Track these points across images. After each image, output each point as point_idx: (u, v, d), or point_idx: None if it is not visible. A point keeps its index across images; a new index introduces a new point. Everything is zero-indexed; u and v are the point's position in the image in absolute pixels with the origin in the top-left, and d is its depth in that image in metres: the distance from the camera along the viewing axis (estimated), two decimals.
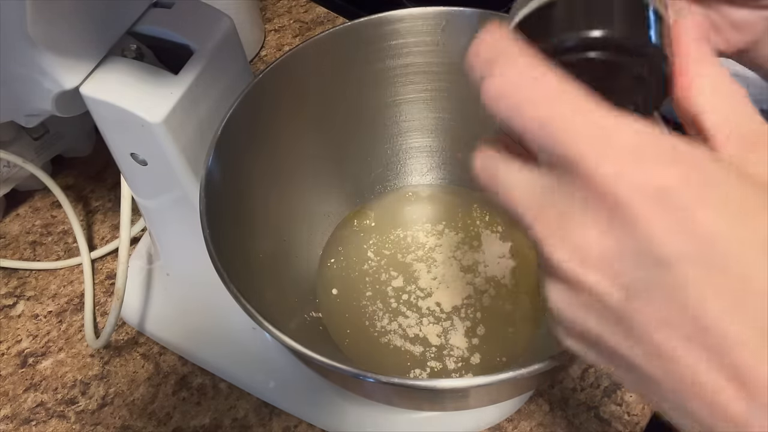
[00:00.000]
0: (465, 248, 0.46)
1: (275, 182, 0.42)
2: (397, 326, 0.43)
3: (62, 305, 0.51)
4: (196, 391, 0.46)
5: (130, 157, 0.37)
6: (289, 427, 0.44)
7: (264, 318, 0.29)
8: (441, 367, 0.41)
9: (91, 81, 0.34)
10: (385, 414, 0.42)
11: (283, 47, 0.66)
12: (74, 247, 0.53)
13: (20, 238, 0.55)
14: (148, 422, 0.45)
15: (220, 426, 0.44)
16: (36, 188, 0.57)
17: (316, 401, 0.43)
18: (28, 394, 0.47)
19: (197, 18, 0.36)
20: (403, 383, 0.27)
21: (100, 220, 0.55)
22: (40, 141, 0.52)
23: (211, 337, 0.46)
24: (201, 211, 0.32)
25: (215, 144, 0.34)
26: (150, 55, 0.35)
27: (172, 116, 0.34)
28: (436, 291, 0.44)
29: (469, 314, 0.43)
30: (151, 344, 0.48)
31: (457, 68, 0.42)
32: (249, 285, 0.33)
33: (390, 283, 0.44)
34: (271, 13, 0.69)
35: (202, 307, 0.46)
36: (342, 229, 0.47)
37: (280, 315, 0.36)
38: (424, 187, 0.49)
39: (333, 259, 0.46)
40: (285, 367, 0.44)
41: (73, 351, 0.48)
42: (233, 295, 0.30)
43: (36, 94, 0.33)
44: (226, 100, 0.36)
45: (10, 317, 0.51)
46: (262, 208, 0.41)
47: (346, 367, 0.27)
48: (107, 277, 0.52)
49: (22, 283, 0.52)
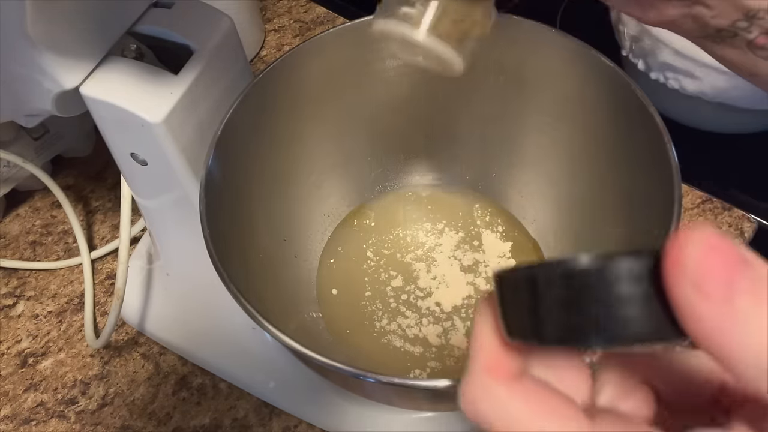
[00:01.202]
0: (465, 248, 0.46)
1: (275, 182, 0.42)
2: (397, 326, 0.43)
3: (62, 305, 0.51)
4: (196, 391, 0.46)
5: (130, 157, 0.37)
6: (289, 427, 0.44)
7: (264, 318, 0.29)
8: (441, 368, 0.41)
9: (91, 81, 0.34)
10: (385, 414, 0.42)
11: (283, 47, 0.66)
12: (74, 247, 0.53)
13: (20, 238, 0.55)
14: (148, 422, 0.45)
15: (220, 426, 0.44)
16: (36, 188, 0.57)
17: (316, 401, 0.43)
18: (28, 394, 0.47)
19: (197, 18, 0.36)
20: (403, 383, 0.27)
21: (100, 220, 0.55)
22: (40, 141, 0.52)
23: (211, 337, 0.46)
24: (201, 211, 0.32)
25: (215, 144, 0.34)
26: (150, 55, 0.35)
27: (172, 116, 0.34)
28: (436, 291, 0.44)
29: (469, 314, 0.43)
30: (151, 344, 0.48)
31: None
32: (249, 285, 0.33)
33: (389, 283, 0.44)
34: (271, 13, 0.69)
35: (202, 307, 0.46)
36: (342, 229, 0.47)
37: (280, 315, 0.36)
38: (424, 187, 0.49)
39: (333, 259, 0.46)
40: (285, 367, 0.44)
41: (73, 351, 0.48)
42: (233, 295, 0.30)
43: (36, 94, 0.33)
44: (226, 100, 0.36)
45: (10, 317, 0.51)
46: (262, 208, 0.41)
47: (346, 367, 0.27)
48: (107, 277, 0.52)
49: (22, 283, 0.52)
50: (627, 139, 0.37)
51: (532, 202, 0.46)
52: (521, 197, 0.47)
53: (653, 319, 0.14)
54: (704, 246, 0.13)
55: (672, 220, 0.31)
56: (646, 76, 0.53)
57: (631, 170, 0.37)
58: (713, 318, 0.13)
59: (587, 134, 0.40)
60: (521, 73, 0.41)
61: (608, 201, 0.40)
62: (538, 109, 0.42)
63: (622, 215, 0.38)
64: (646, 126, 0.34)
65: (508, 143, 0.45)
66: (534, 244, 0.46)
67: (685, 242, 0.14)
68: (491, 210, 0.47)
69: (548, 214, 0.45)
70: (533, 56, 0.39)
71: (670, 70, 0.51)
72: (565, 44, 0.38)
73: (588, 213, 0.42)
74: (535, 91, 0.41)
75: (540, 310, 0.16)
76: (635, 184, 0.37)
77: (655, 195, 0.33)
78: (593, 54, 0.37)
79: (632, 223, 0.37)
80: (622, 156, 0.38)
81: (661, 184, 0.33)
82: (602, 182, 0.40)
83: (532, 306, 0.16)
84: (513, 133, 0.45)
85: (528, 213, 0.46)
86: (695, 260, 0.13)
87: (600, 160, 0.40)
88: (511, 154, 0.46)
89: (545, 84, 0.40)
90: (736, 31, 0.23)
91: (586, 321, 0.15)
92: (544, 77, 0.40)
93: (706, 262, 0.13)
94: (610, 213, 0.40)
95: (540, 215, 0.46)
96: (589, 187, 0.42)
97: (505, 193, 0.47)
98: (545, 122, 0.42)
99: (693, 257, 0.13)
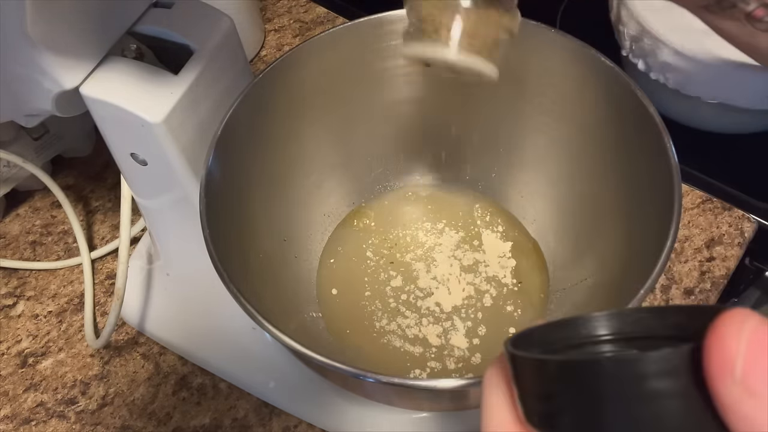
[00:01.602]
0: (465, 248, 0.46)
1: (275, 182, 0.42)
2: (396, 326, 0.43)
3: (62, 305, 0.51)
4: (196, 391, 0.46)
5: (130, 157, 0.37)
6: (289, 427, 0.44)
7: (264, 318, 0.29)
8: (441, 368, 0.41)
9: (91, 81, 0.34)
10: (385, 414, 0.42)
11: (283, 47, 0.66)
12: (74, 247, 0.53)
13: (20, 238, 0.55)
14: (148, 422, 0.45)
15: (220, 426, 0.44)
16: (36, 188, 0.57)
17: (316, 401, 0.43)
18: (28, 394, 0.47)
19: (197, 18, 0.36)
20: (403, 383, 0.27)
21: (100, 220, 0.55)
22: (40, 141, 0.52)
23: (211, 337, 0.46)
24: (201, 211, 0.32)
25: (215, 144, 0.34)
26: (150, 55, 0.35)
27: (172, 116, 0.34)
28: (436, 291, 0.44)
29: (470, 314, 0.43)
30: (151, 344, 0.48)
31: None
32: (249, 285, 0.33)
33: (389, 283, 0.44)
34: (271, 13, 0.69)
35: (202, 307, 0.46)
36: (342, 228, 0.47)
37: (280, 315, 0.36)
38: (424, 187, 0.49)
39: (333, 259, 0.46)
40: (285, 367, 0.44)
41: (73, 351, 0.48)
42: (233, 295, 0.30)
43: (36, 94, 0.33)
44: (226, 100, 0.36)
45: (10, 317, 0.51)
46: (262, 208, 0.41)
47: (346, 367, 0.27)
48: (107, 277, 0.52)
49: (22, 283, 0.52)
50: (627, 139, 0.37)
51: (532, 202, 0.46)
52: (521, 197, 0.47)
53: (694, 416, 0.13)
54: (748, 339, 0.12)
55: (672, 220, 0.31)
56: (646, 76, 0.53)
57: (631, 170, 0.37)
58: (760, 418, 0.12)
59: (587, 134, 0.40)
60: (521, 73, 0.41)
61: (608, 201, 0.40)
62: (538, 108, 0.42)
63: (622, 215, 0.38)
64: (646, 126, 0.34)
65: (508, 143, 0.45)
66: (534, 244, 0.46)
67: (728, 333, 0.12)
68: (491, 210, 0.47)
69: (548, 214, 0.45)
70: (533, 56, 0.39)
71: (670, 70, 0.51)
72: (565, 44, 0.38)
73: (588, 213, 0.42)
74: (535, 91, 0.41)
75: (563, 404, 0.14)
76: (635, 184, 0.37)
77: (655, 195, 0.33)
78: (593, 54, 0.37)
79: (632, 223, 0.37)
80: (622, 156, 0.38)
81: (661, 184, 0.33)
82: (602, 182, 0.40)
83: (553, 397, 0.15)
84: (513, 133, 0.45)
85: (528, 213, 0.46)
86: (739, 355, 0.12)
87: (600, 160, 0.40)
88: (511, 154, 0.46)
89: (545, 84, 0.40)
90: (734, 2, 0.23)
91: (618, 419, 0.14)
92: (544, 77, 0.40)
93: (752, 357, 0.12)
94: (610, 213, 0.40)
95: (540, 215, 0.46)
96: (589, 187, 0.42)
97: (505, 193, 0.47)
98: (545, 122, 0.42)
99: (737, 351, 0.12)
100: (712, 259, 0.49)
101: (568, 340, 0.16)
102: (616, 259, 0.38)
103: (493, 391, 0.17)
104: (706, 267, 0.48)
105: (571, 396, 0.14)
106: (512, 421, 0.16)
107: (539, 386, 0.15)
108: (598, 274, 0.40)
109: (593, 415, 0.14)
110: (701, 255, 0.49)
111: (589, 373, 0.14)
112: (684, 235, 0.50)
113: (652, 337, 0.16)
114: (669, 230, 0.30)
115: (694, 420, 0.13)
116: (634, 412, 0.13)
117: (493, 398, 0.17)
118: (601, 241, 0.40)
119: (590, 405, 0.14)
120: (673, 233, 0.30)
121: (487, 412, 0.17)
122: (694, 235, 0.50)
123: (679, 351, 0.13)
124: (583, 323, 0.16)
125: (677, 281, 0.48)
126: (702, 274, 0.48)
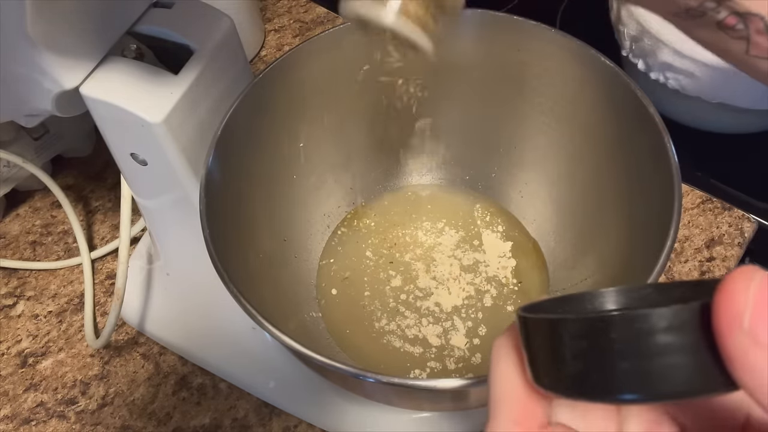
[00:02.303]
0: (465, 247, 0.46)
1: (275, 182, 0.42)
2: (396, 326, 0.43)
3: (62, 305, 0.51)
4: (196, 391, 0.46)
5: (130, 157, 0.37)
6: (289, 427, 0.44)
7: (264, 318, 0.29)
8: (441, 368, 0.41)
9: (91, 81, 0.34)
10: (385, 414, 0.42)
11: (283, 47, 0.66)
12: (74, 247, 0.53)
13: (20, 238, 0.55)
14: (148, 422, 0.45)
15: (220, 426, 0.44)
16: (36, 188, 0.57)
17: (316, 401, 0.43)
18: (28, 394, 0.47)
19: (197, 18, 0.36)
20: (403, 383, 0.27)
21: (100, 220, 0.55)
22: (40, 141, 0.52)
23: (211, 337, 0.46)
24: (201, 211, 0.32)
25: (215, 144, 0.34)
26: (150, 55, 0.35)
27: (172, 116, 0.34)
28: (436, 291, 0.44)
29: (470, 314, 0.43)
30: (151, 344, 0.48)
31: (456, 68, 0.42)
32: (249, 285, 0.33)
33: (389, 283, 0.44)
34: (271, 13, 0.69)
35: (202, 307, 0.46)
36: (341, 228, 0.47)
37: (280, 315, 0.36)
38: (424, 187, 0.49)
39: (333, 258, 0.46)
40: (285, 367, 0.44)
41: (73, 351, 0.48)
42: (233, 295, 0.30)
43: (36, 94, 0.33)
44: (226, 100, 0.36)
45: (10, 317, 0.51)
46: (262, 208, 0.41)
47: (346, 367, 0.27)
48: (107, 277, 0.52)
49: (22, 283, 0.52)
50: (627, 139, 0.37)
51: (532, 202, 0.46)
52: (521, 197, 0.47)
53: (701, 370, 0.13)
54: (756, 292, 0.13)
55: (672, 220, 0.31)
56: (646, 76, 0.53)
57: (631, 170, 0.37)
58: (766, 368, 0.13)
59: (587, 134, 0.40)
60: (521, 73, 0.41)
61: (608, 201, 0.40)
62: (538, 108, 0.42)
63: (622, 215, 0.38)
64: (646, 126, 0.34)
65: (508, 143, 0.45)
66: (534, 244, 0.46)
67: (737, 288, 0.13)
68: (491, 210, 0.47)
69: (548, 213, 0.45)
70: (533, 56, 0.39)
71: (670, 70, 0.51)
72: (565, 44, 0.38)
73: (588, 213, 0.42)
74: (535, 91, 0.41)
75: (574, 362, 0.15)
76: (635, 184, 0.37)
77: (655, 195, 0.33)
78: (593, 54, 0.37)
79: (632, 223, 0.37)
80: (622, 156, 0.38)
81: (661, 184, 0.33)
82: (602, 182, 0.40)
83: (564, 356, 0.15)
84: (513, 133, 0.45)
85: (528, 213, 0.46)
86: (747, 307, 0.13)
87: (600, 161, 0.40)
88: (511, 154, 0.46)
89: (545, 84, 0.40)
90: (704, 11, 0.23)
91: (628, 375, 0.14)
92: (544, 77, 0.40)
93: (759, 308, 0.13)
94: (610, 213, 0.40)
95: (540, 215, 0.46)
96: (589, 187, 0.42)
97: (505, 193, 0.47)
98: (545, 122, 0.42)
99: (745, 303, 0.13)
100: (712, 259, 0.49)
101: (577, 313, 0.17)
102: (616, 258, 0.38)
103: (502, 359, 0.17)
104: (706, 267, 0.48)
105: (582, 353, 0.14)
106: (522, 385, 0.16)
107: (551, 346, 0.15)
108: (598, 273, 0.40)
109: (603, 371, 0.14)
110: (701, 255, 0.49)
111: (600, 329, 0.14)
112: (684, 235, 0.50)
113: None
114: (669, 230, 0.30)
115: (701, 374, 0.13)
116: (643, 367, 0.14)
117: (502, 365, 0.17)
118: (601, 240, 0.40)
119: (600, 361, 0.14)
120: (673, 233, 0.30)
121: (497, 378, 0.17)
122: (694, 235, 0.50)
123: (689, 306, 0.13)
124: (591, 298, 0.16)
125: None
126: (702, 274, 0.48)
